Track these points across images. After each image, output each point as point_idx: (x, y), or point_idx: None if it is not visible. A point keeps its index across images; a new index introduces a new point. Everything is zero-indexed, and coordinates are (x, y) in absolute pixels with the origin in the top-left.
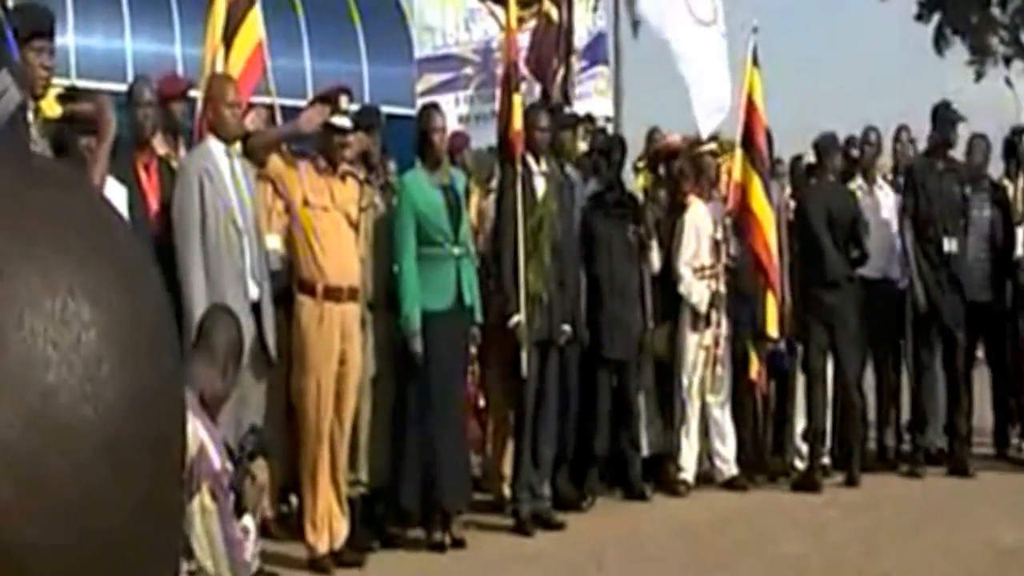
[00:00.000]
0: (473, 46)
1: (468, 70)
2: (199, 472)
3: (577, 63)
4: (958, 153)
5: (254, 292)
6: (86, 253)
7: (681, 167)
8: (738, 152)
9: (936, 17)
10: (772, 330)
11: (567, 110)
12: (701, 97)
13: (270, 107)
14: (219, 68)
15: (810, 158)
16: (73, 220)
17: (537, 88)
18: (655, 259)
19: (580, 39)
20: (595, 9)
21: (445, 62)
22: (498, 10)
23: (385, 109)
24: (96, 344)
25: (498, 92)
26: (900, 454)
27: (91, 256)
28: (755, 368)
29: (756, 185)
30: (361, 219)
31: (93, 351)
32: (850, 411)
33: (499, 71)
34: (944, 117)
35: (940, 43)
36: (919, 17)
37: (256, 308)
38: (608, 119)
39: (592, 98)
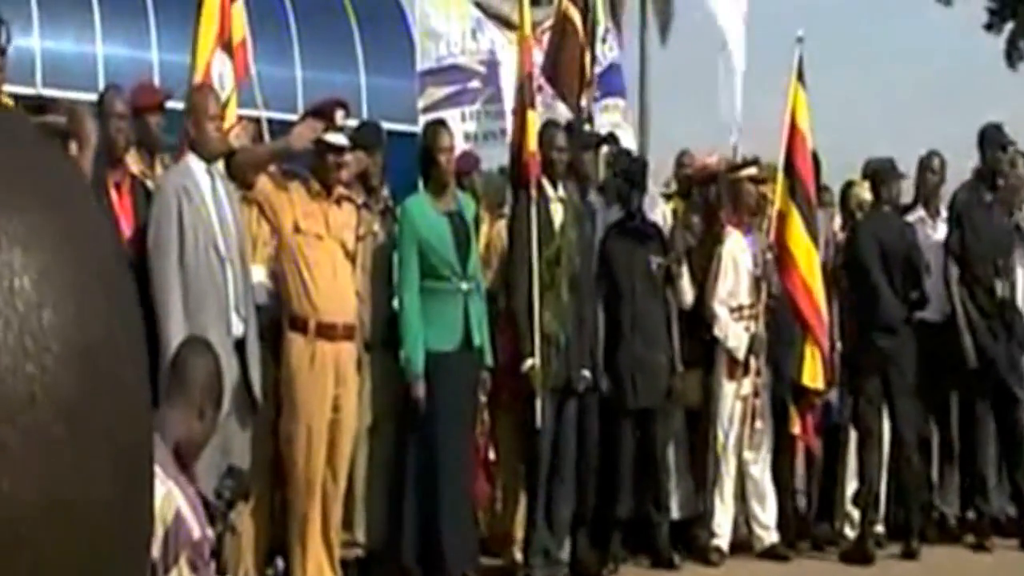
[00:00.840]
0: (480, 56)
1: (475, 83)
2: (176, 542)
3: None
4: None
5: (238, 328)
6: (15, 199)
7: (718, 193)
8: (780, 178)
9: (1008, 26)
10: (812, 380)
11: (587, 128)
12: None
13: (257, 121)
14: (212, 76)
15: (863, 187)
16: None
17: (559, 104)
18: (686, 293)
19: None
20: (604, 40)
21: (449, 74)
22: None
23: (385, 125)
24: (32, 291)
25: (509, 108)
26: (965, 522)
27: (23, 202)
28: (798, 422)
29: (795, 217)
30: (358, 248)
31: (29, 299)
32: (908, 473)
33: (508, 83)
34: (992, 140)
35: (1012, 55)
36: (989, 27)
37: (240, 346)
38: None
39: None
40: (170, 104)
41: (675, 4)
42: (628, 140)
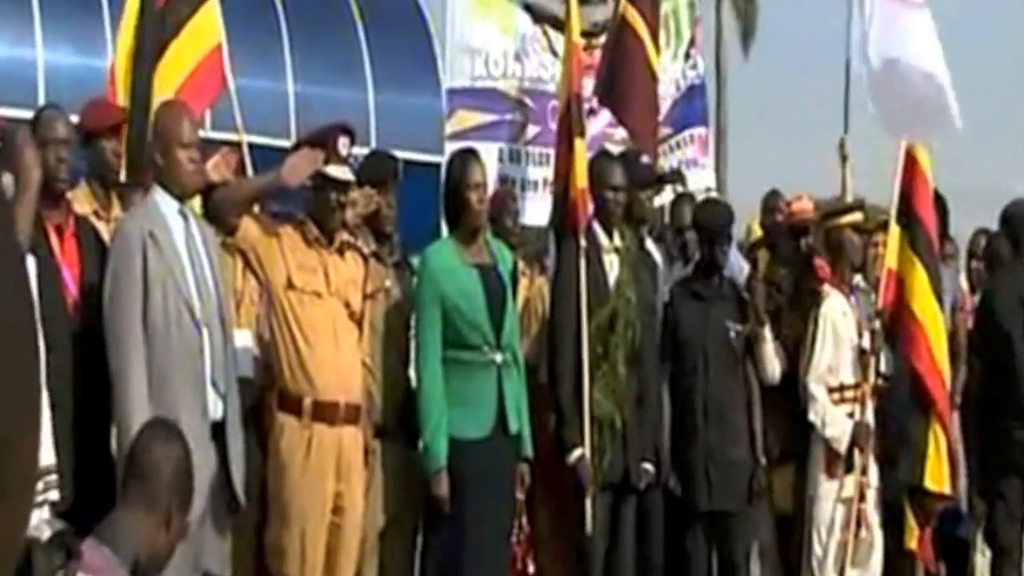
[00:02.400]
0: (525, 83)
1: (515, 115)
2: None
3: (661, 129)
4: None
5: (216, 409)
6: None
7: (812, 244)
8: (892, 226)
9: None
10: (935, 482)
11: (646, 160)
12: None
13: (238, 148)
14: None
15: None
16: None
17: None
18: (773, 367)
19: (662, 97)
20: (687, 56)
21: (485, 98)
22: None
23: (401, 155)
24: None
25: (552, 150)
26: None
27: None
28: (916, 534)
29: (918, 273)
30: (366, 309)
31: None
32: None
33: (554, 117)
34: None
35: None
36: None
37: (219, 432)
38: (708, 190)
39: (685, 170)
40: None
41: (760, 3)
42: (706, 178)
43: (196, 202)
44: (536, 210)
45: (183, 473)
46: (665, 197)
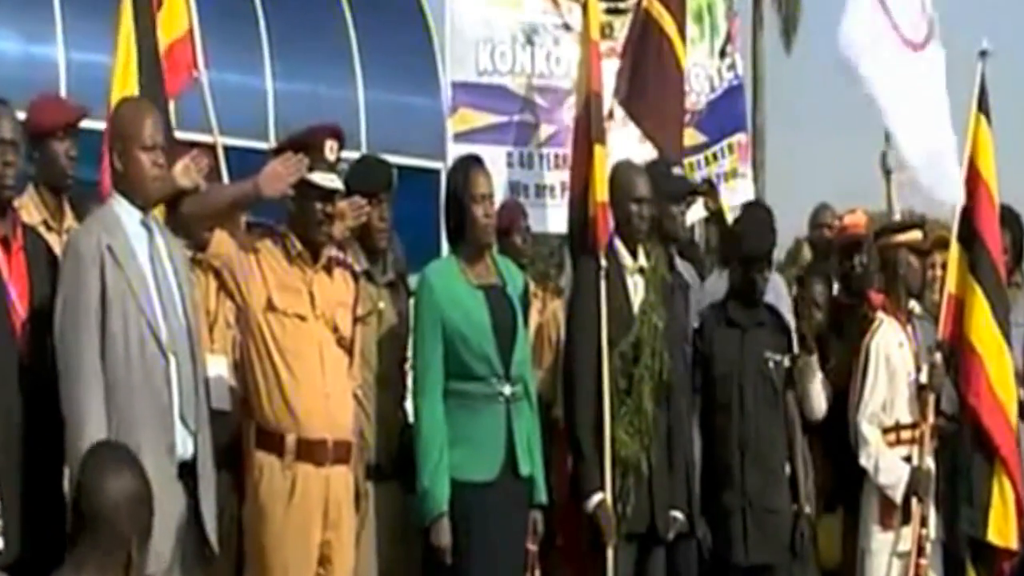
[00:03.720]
0: (537, 80)
1: (526, 115)
2: None
3: (694, 136)
4: None
5: (185, 447)
6: None
7: (865, 264)
8: (953, 247)
9: None
10: (1001, 536)
11: (676, 171)
12: (928, 159)
13: (212, 151)
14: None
15: None
16: None
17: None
18: (820, 403)
19: (693, 101)
20: (723, 54)
21: (492, 96)
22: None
23: (395, 160)
24: None
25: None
26: None
27: None
28: None
29: (978, 300)
30: (357, 334)
31: None
32: None
33: (571, 116)
34: None
35: None
36: None
37: (189, 472)
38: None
39: (721, 184)
40: (88, 124)
41: None
42: (747, 190)
43: (161, 212)
44: (553, 217)
45: (139, 504)
46: (696, 213)
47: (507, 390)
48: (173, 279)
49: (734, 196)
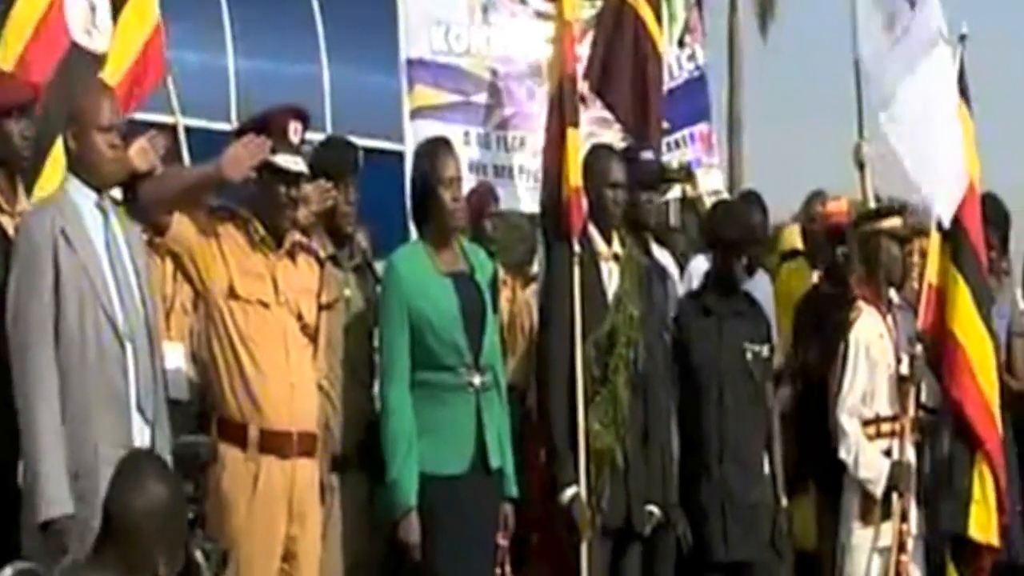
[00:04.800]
0: (492, 60)
1: (481, 96)
2: None
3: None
4: None
5: (143, 437)
6: None
7: (845, 253)
8: (934, 236)
9: None
10: (982, 531)
11: (647, 155)
12: (934, 164)
13: (172, 132)
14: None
15: None
16: None
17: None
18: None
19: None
20: (681, 43)
21: (447, 76)
22: None
23: (363, 143)
24: None
25: (529, 136)
26: None
27: None
28: None
29: (960, 290)
30: (322, 322)
31: None
32: None
33: (530, 96)
34: None
35: None
36: None
37: None
38: (716, 193)
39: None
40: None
41: None
42: (714, 180)
43: (118, 195)
44: (514, 196)
45: (168, 519)
46: (673, 195)
47: (476, 380)
48: (130, 264)
49: (701, 186)
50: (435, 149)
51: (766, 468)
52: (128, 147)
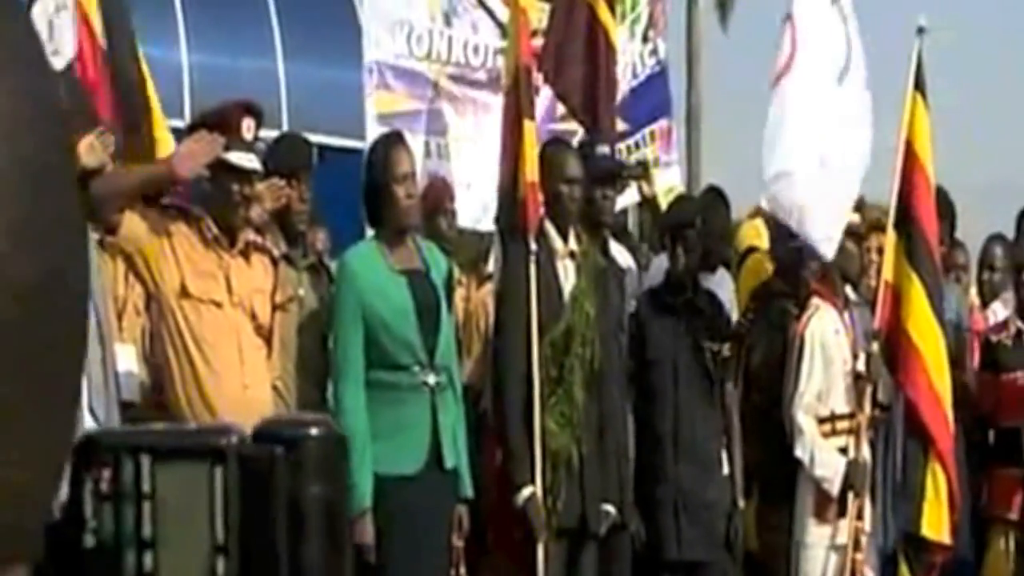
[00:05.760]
0: (453, 69)
1: (444, 104)
2: None
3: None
4: None
5: None
6: None
7: (799, 248)
8: (889, 233)
9: None
10: (934, 530)
11: (602, 150)
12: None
13: None
14: None
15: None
16: None
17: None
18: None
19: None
20: (645, 38)
21: (409, 82)
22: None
23: (316, 139)
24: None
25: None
26: None
27: None
28: None
29: (915, 288)
30: (276, 322)
31: None
32: None
33: (486, 109)
34: None
35: None
36: None
37: None
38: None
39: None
40: None
41: None
42: (672, 176)
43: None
44: (465, 212)
45: None
46: (629, 197)
47: (431, 379)
48: None
49: (659, 183)
50: (389, 145)
51: (725, 468)
52: (77, 144)
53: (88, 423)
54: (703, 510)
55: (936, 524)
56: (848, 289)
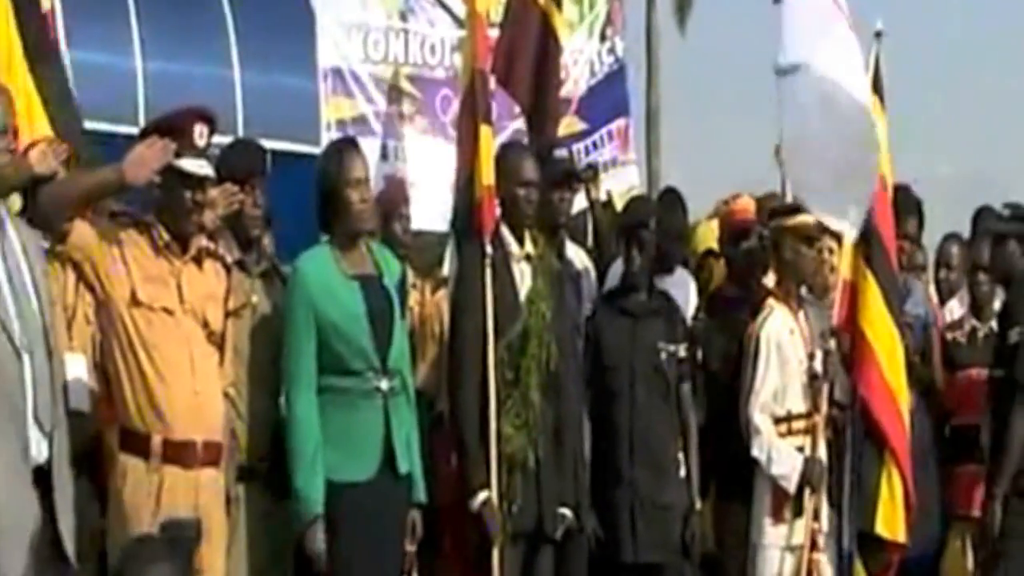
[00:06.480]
0: (411, 69)
1: (405, 106)
2: None
3: (574, 123)
4: None
5: (40, 451)
6: None
7: (751, 249)
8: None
9: None
10: (889, 529)
11: (560, 153)
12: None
13: None
14: None
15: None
16: None
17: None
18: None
19: (574, 84)
20: (603, 37)
21: (364, 84)
22: None
23: (271, 145)
24: None
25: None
26: None
27: None
28: None
29: (871, 288)
30: (228, 329)
31: None
32: None
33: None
34: None
35: None
36: None
37: (44, 478)
38: (631, 190)
39: (604, 172)
40: None
41: None
42: (630, 176)
43: (16, 201)
44: (422, 213)
45: None
46: (580, 202)
47: (384, 384)
48: (27, 273)
49: (617, 183)
50: (341, 149)
51: (682, 470)
52: (26, 152)
53: (33, 433)
54: (659, 512)
55: (891, 523)
56: (803, 290)
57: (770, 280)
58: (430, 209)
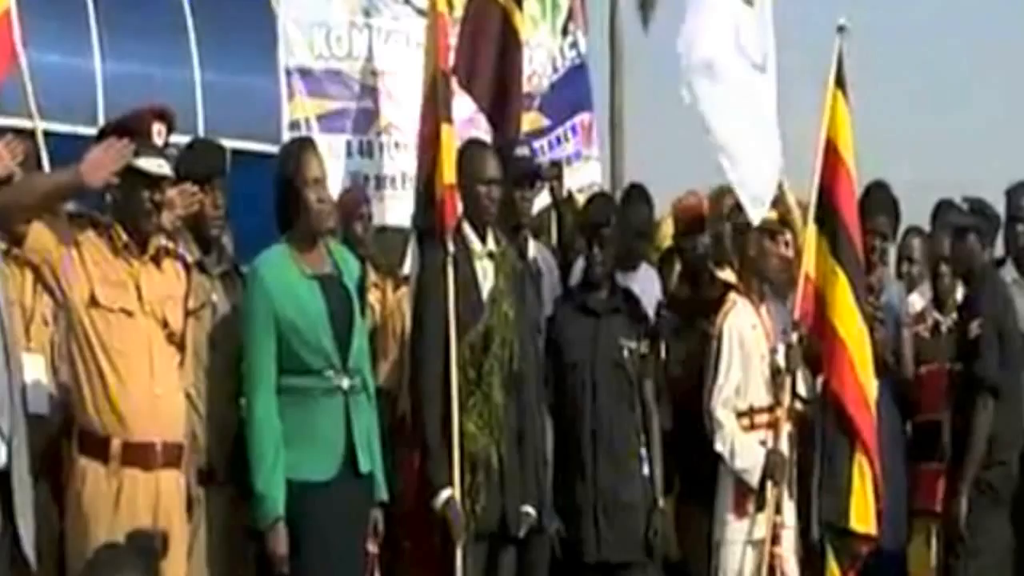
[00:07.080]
0: (377, 64)
1: (366, 102)
2: None
3: (537, 120)
4: None
5: None
6: None
7: (708, 244)
8: (811, 227)
9: None
10: (861, 521)
11: (521, 151)
12: (754, 173)
13: (31, 136)
14: None
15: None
16: None
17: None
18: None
19: (536, 83)
20: (565, 31)
21: (328, 82)
22: None
23: (231, 144)
24: None
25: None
26: None
27: None
28: None
29: (840, 282)
30: (188, 329)
31: None
32: None
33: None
34: None
35: None
36: None
37: (3, 481)
38: (593, 186)
39: (567, 167)
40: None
41: None
42: (592, 172)
43: None
44: (396, 209)
45: None
46: (542, 200)
47: (345, 383)
48: None
49: (579, 179)
50: (299, 149)
51: (645, 468)
52: None
53: None
54: (622, 511)
55: (863, 516)
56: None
57: (728, 275)
58: (402, 203)
